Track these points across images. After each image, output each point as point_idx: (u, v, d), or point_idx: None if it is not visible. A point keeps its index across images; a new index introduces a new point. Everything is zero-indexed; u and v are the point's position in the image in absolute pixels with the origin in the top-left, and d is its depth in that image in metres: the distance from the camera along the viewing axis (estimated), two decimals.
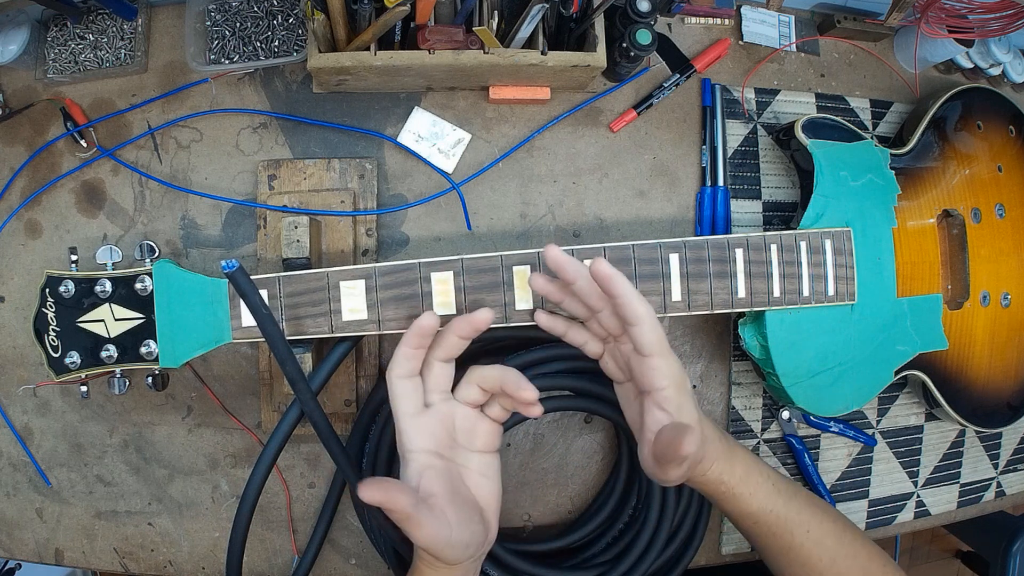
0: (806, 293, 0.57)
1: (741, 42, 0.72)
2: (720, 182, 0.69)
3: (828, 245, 0.58)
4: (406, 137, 0.66)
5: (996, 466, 0.77)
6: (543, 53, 0.58)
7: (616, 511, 0.64)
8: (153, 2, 0.65)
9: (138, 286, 0.50)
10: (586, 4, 0.58)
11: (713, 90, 0.70)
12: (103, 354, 0.50)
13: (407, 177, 0.66)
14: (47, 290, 0.50)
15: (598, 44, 0.59)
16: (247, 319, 0.50)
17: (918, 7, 0.68)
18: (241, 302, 0.48)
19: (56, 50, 0.64)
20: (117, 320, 0.50)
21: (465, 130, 0.66)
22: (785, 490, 0.51)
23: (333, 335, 0.51)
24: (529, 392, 0.44)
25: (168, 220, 0.64)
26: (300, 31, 0.64)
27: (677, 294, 0.54)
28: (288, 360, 0.47)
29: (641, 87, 0.69)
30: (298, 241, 0.56)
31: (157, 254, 0.52)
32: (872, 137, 0.67)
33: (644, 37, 0.60)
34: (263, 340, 0.48)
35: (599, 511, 0.65)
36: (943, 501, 0.75)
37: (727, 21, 0.72)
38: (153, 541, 0.64)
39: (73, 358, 0.50)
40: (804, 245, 0.57)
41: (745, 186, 0.70)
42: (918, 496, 0.74)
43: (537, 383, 0.56)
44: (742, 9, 0.72)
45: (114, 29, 0.64)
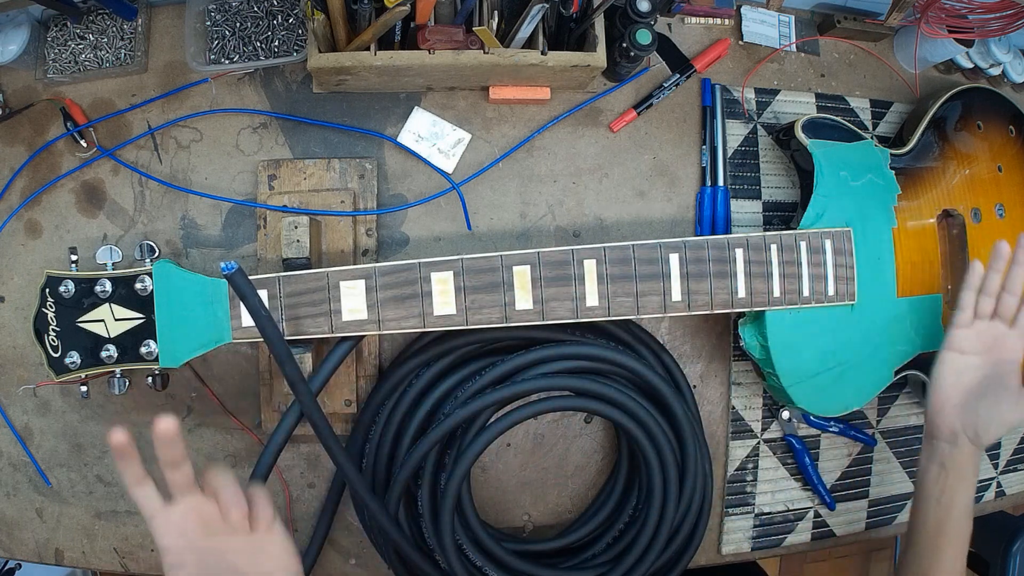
0: (806, 293, 0.57)
1: (741, 42, 0.72)
2: (720, 182, 0.69)
3: (828, 245, 0.58)
4: (406, 137, 0.66)
5: (996, 466, 0.77)
6: (543, 53, 0.58)
7: (616, 511, 0.64)
8: (153, 2, 0.65)
9: (138, 286, 0.50)
10: (586, 4, 0.58)
11: (713, 90, 0.70)
12: (103, 354, 0.50)
13: (407, 177, 0.66)
14: (47, 290, 0.50)
15: (598, 44, 0.59)
16: (247, 319, 0.50)
17: (918, 7, 0.68)
18: (241, 302, 0.48)
19: (56, 50, 0.63)
20: (117, 320, 0.50)
21: (465, 130, 0.66)
22: (963, 527, 0.56)
23: (333, 335, 0.51)
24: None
25: (168, 220, 0.64)
26: (300, 31, 0.63)
27: (677, 294, 0.54)
28: (287, 361, 0.47)
29: (641, 87, 0.69)
30: (298, 241, 0.56)
31: (157, 254, 0.52)
32: (872, 137, 0.67)
33: (644, 37, 0.60)
34: (263, 340, 0.48)
35: (599, 511, 0.65)
36: None
37: (727, 21, 0.72)
38: (153, 541, 0.64)
39: (73, 358, 0.50)
40: (804, 245, 0.57)
41: (745, 186, 0.70)
42: None
43: (537, 383, 0.56)
44: (742, 9, 0.72)
45: (114, 29, 0.64)
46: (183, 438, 0.41)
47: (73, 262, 0.52)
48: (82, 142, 0.63)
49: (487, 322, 0.52)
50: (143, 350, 0.50)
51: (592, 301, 0.53)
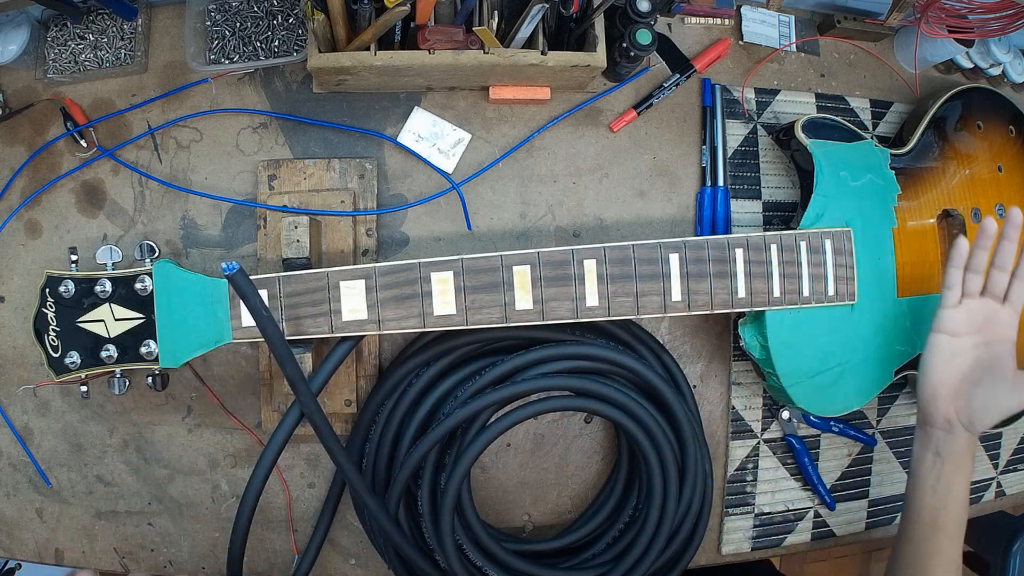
0: (806, 293, 0.57)
1: (741, 42, 0.72)
2: (720, 182, 0.69)
3: (828, 245, 0.58)
4: (406, 137, 0.66)
5: (996, 466, 0.77)
6: (543, 53, 0.58)
7: (616, 511, 0.64)
8: (153, 2, 0.65)
9: (138, 286, 0.50)
10: (586, 4, 0.58)
11: (713, 90, 0.70)
12: (103, 354, 0.50)
13: (407, 177, 0.66)
14: (47, 290, 0.50)
15: (598, 44, 0.59)
16: (247, 319, 0.50)
17: (918, 7, 0.68)
18: (241, 302, 0.48)
19: (56, 50, 0.63)
20: (117, 320, 0.50)
21: (465, 130, 0.66)
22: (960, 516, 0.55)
23: (333, 335, 0.51)
24: None
25: (168, 220, 0.64)
26: (300, 31, 0.63)
27: (677, 294, 0.54)
28: (288, 361, 0.47)
29: (641, 87, 0.69)
30: (298, 241, 0.56)
31: (157, 254, 0.52)
32: (872, 137, 0.67)
33: (644, 37, 0.60)
34: (263, 340, 0.48)
35: (599, 511, 0.65)
36: None
37: (727, 21, 0.72)
38: (153, 541, 0.64)
39: (73, 358, 0.50)
40: (804, 245, 0.57)
41: (745, 186, 0.70)
42: None
43: (537, 383, 0.56)
44: (742, 9, 0.72)
45: (114, 29, 0.64)
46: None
47: (73, 262, 0.52)
48: (82, 142, 0.63)
49: (487, 322, 0.52)
50: (143, 350, 0.50)
51: (592, 301, 0.53)
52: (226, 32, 0.63)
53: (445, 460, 0.59)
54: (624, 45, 0.61)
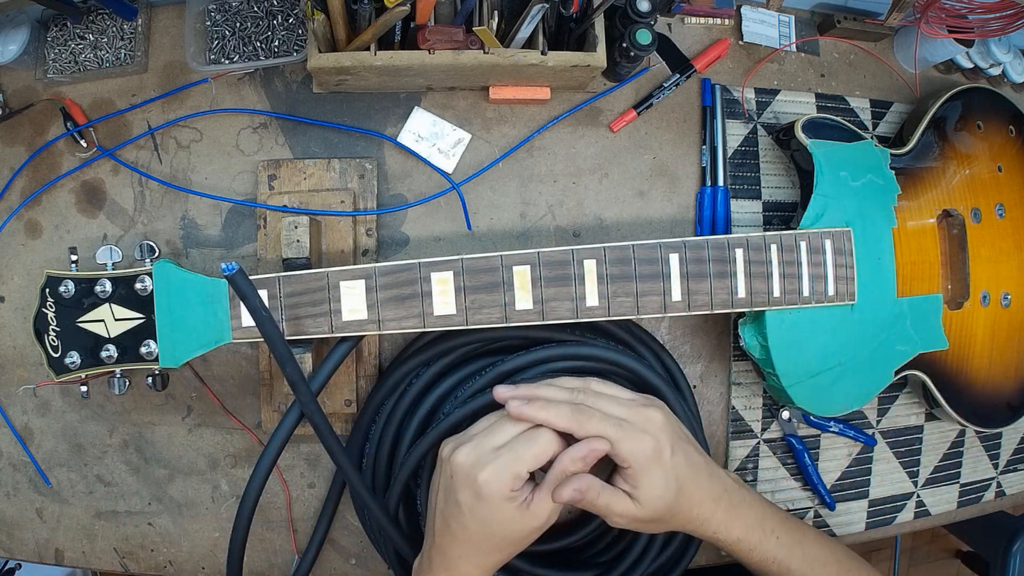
0: (806, 293, 0.57)
1: (741, 42, 0.72)
2: (720, 182, 0.69)
3: (828, 245, 0.58)
4: (406, 137, 0.66)
5: (996, 466, 0.77)
6: (543, 53, 0.58)
7: None
8: (153, 2, 0.65)
9: (138, 286, 0.50)
10: (586, 4, 0.58)
11: (713, 90, 0.70)
12: (103, 354, 0.50)
13: (407, 177, 0.66)
14: (47, 290, 0.50)
15: (598, 44, 0.59)
16: (247, 319, 0.50)
17: (918, 7, 0.68)
18: (241, 302, 0.48)
19: (56, 50, 0.63)
20: (117, 320, 0.50)
21: (465, 130, 0.66)
22: (790, 541, 0.53)
23: (333, 335, 0.51)
24: None
25: (168, 220, 0.64)
26: (300, 31, 0.63)
27: (677, 294, 0.54)
28: (288, 361, 0.47)
29: (641, 87, 0.69)
30: (298, 241, 0.56)
31: (157, 254, 0.52)
32: (872, 137, 0.67)
33: (644, 37, 0.60)
34: (263, 340, 0.48)
35: None
36: (943, 501, 0.75)
37: (727, 21, 0.72)
38: (153, 541, 0.64)
39: (73, 358, 0.50)
40: (804, 245, 0.57)
41: (745, 186, 0.70)
42: (918, 496, 0.74)
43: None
44: (742, 9, 0.72)
45: (114, 29, 0.64)
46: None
47: (73, 262, 0.52)
48: (82, 142, 0.63)
49: (487, 322, 0.52)
50: (143, 350, 0.50)
51: (592, 301, 0.53)
52: (226, 32, 0.63)
53: None
54: (624, 45, 0.61)
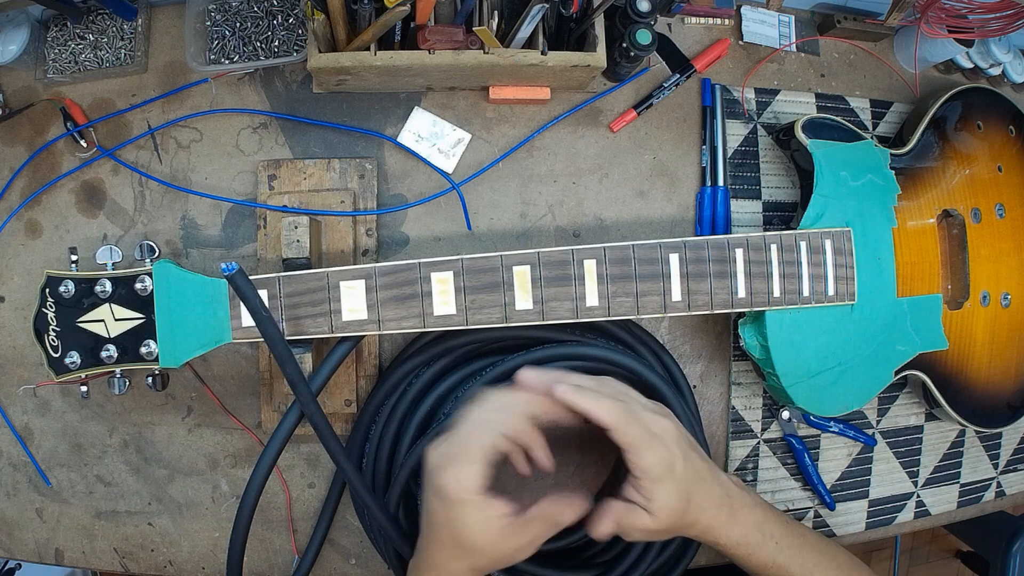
0: (806, 293, 0.57)
1: (741, 42, 0.72)
2: (720, 182, 0.69)
3: (828, 245, 0.58)
4: (406, 137, 0.66)
5: (996, 466, 0.77)
6: (543, 53, 0.58)
7: None
8: (153, 2, 0.65)
9: (138, 286, 0.50)
10: (586, 4, 0.58)
11: (713, 90, 0.70)
12: (103, 354, 0.50)
13: (407, 177, 0.66)
14: (47, 290, 0.50)
15: (598, 44, 0.59)
16: (247, 319, 0.50)
17: (918, 7, 0.68)
18: (241, 302, 0.49)
19: (56, 50, 0.63)
20: (117, 320, 0.50)
21: (465, 130, 0.66)
22: (789, 545, 0.53)
23: (333, 335, 0.51)
24: None
25: (168, 220, 0.64)
26: (300, 31, 0.64)
27: (677, 294, 0.54)
28: (288, 361, 0.47)
29: (641, 87, 0.69)
30: (298, 241, 0.56)
31: (157, 254, 0.52)
32: (872, 137, 0.67)
33: (644, 37, 0.60)
34: (263, 340, 0.48)
35: None
36: (943, 501, 0.75)
37: (727, 21, 0.72)
38: (153, 541, 0.64)
39: (73, 358, 0.50)
40: (804, 245, 0.57)
41: (745, 186, 0.70)
42: (918, 496, 0.74)
43: None
44: (742, 9, 0.72)
45: (114, 29, 0.64)
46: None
47: (73, 262, 0.52)
48: (82, 142, 0.63)
49: (487, 322, 0.52)
50: (143, 350, 0.50)
51: (592, 301, 0.53)
52: (226, 32, 0.64)
53: None
54: (624, 45, 0.61)
